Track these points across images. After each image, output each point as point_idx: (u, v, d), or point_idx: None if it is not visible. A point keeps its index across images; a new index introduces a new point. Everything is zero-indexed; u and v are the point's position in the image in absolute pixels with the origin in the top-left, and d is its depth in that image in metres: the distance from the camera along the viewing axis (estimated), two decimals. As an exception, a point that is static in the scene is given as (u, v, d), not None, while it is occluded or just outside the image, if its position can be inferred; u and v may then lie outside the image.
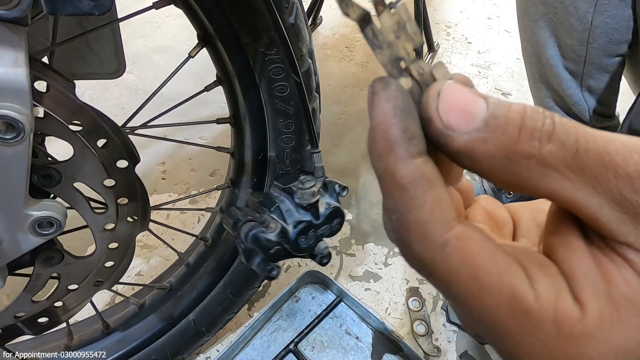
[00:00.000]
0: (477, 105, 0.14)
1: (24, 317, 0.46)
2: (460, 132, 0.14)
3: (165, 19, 1.57)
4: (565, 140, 0.14)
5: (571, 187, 0.14)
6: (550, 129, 0.14)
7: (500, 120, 0.14)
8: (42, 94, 0.35)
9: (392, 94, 0.15)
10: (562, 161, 0.14)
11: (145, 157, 1.09)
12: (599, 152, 0.14)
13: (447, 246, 0.15)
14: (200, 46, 0.49)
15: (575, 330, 0.14)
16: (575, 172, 0.14)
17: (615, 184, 0.14)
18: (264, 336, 0.76)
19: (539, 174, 0.14)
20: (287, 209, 0.48)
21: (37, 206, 0.34)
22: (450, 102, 0.15)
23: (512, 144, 0.14)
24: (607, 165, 0.14)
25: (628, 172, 0.13)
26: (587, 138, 0.14)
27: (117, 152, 0.41)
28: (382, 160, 0.15)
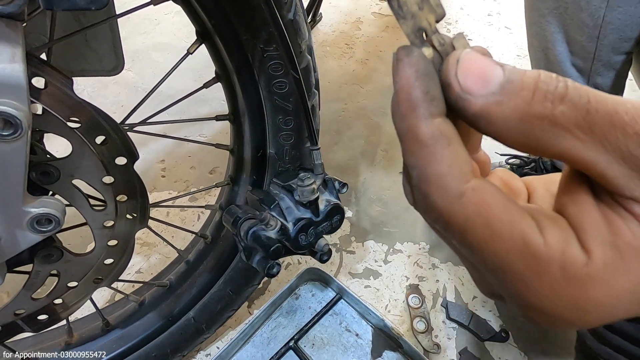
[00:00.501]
0: (494, 71, 0.15)
1: (23, 314, 0.46)
2: (477, 95, 0.15)
3: (164, 16, 1.57)
4: (577, 102, 0.15)
5: (581, 146, 0.15)
6: (562, 92, 0.15)
7: (515, 84, 0.15)
8: (40, 91, 0.34)
9: (414, 60, 0.16)
10: (573, 121, 0.15)
11: (145, 154, 1.09)
12: (609, 112, 0.14)
13: (464, 196, 0.16)
14: (198, 42, 0.48)
15: (581, 273, 0.15)
16: (585, 132, 0.15)
17: (624, 141, 0.14)
18: (264, 333, 0.76)
19: (551, 134, 0.15)
20: (286, 206, 0.47)
21: (35, 203, 0.34)
22: (468, 68, 0.16)
23: (526, 106, 0.15)
24: (615, 124, 0.14)
25: (636, 130, 0.14)
26: (598, 99, 0.15)
27: (115, 149, 0.41)
28: (404, 120, 0.16)
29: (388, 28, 1.56)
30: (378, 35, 1.54)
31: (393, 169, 1.07)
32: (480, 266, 0.17)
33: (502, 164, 0.96)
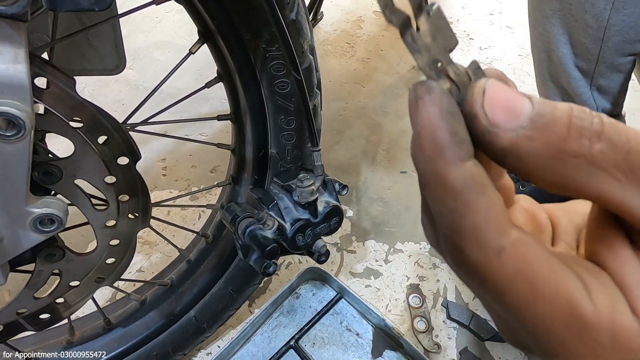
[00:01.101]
0: (523, 103, 0.14)
1: (25, 313, 0.46)
2: (506, 129, 0.14)
3: (165, 14, 1.56)
4: (616, 140, 0.14)
5: (621, 189, 0.14)
6: (599, 128, 0.14)
7: (547, 118, 0.14)
8: (42, 91, 0.35)
9: (437, 97, 0.15)
10: (612, 162, 0.14)
11: (146, 153, 1.09)
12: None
13: (503, 252, 0.14)
14: (200, 42, 0.48)
15: (633, 344, 0.14)
16: (626, 174, 0.14)
17: None
18: (264, 332, 0.76)
19: (587, 174, 0.14)
20: (285, 206, 0.48)
21: (38, 203, 0.34)
22: (495, 99, 0.14)
23: (560, 142, 0.14)
24: None
25: None
26: (637, 138, 0.14)
27: (117, 149, 0.41)
28: (431, 165, 0.15)
29: (389, 27, 1.56)
30: (379, 34, 1.53)
31: (394, 169, 1.07)
32: (517, 327, 0.15)
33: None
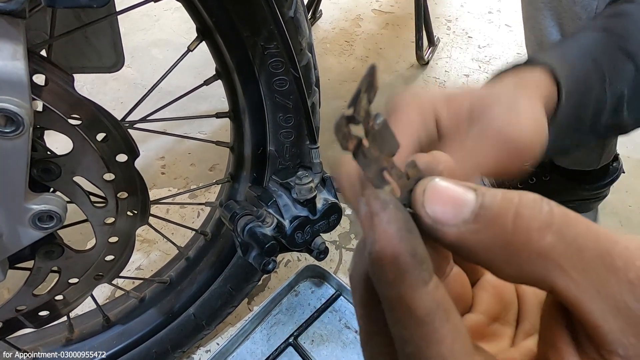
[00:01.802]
0: (465, 196, 0.14)
1: (25, 310, 0.46)
2: (450, 225, 0.14)
3: (164, 12, 1.56)
4: (566, 233, 0.13)
5: (575, 287, 0.13)
6: (548, 219, 0.13)
7: (492, 210, 0.14)
8: (41, 88, 0.35)
9: (393, 214, 0.14)
10: (564, 257, 0.13)
11: (145, 151, 1.09)
12: (601, 253, 0.13)
13: None
14: (199, 40, 0.48)
15: None
16: (578, 272, 0.13)
17: (618, 290, 0.13)
18: (263, 330, 0.76)
19: (540, 267, 0.13)
20: (284, 203, 0.48)
21: (37, 200, 0.34)
22: (435, 197, 0.15)
23: (508, 235, 0.13)
24: (609, 268, 0.13)
25: (630, 279, 0.12)
26: (589, 234, 0.13)
27: (116, 146, 0.41)
28: (393, 289, 0.14)
29: (388, 25, 1.56)
30: (378, 32, 1.53)
31: (393, 167, 1.07)
32: None
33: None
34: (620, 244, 0.13)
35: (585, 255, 0.13)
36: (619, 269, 0.13)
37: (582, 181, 0.91)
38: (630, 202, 1.02)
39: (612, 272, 0.13)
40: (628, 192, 1.04)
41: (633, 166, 1.09)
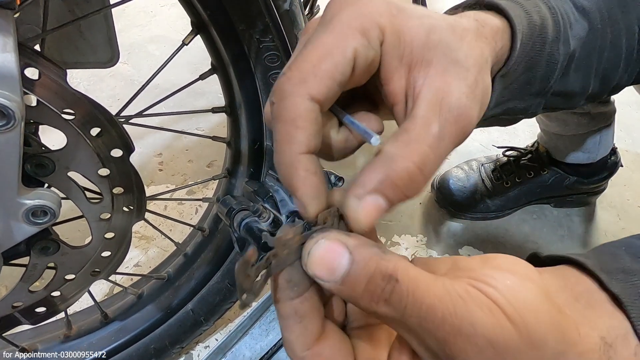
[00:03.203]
0: (340, 261, 0.19)
1: (21, 307, 0.46)
2: (326, 282, 0.20)
3: (160, 8, 1.55)
4: (397, 305, 0.19)
5: (403, 334, 0.20)
6: (387, 296, 0.19)
7: (353, 278, 0.19)
8: (34, 82, 0.34)
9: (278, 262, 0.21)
10: (393, 320, 0.19)
11: (142, 148, 1.08)
12: (421, 316, 0.19)
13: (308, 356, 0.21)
14: (194, 33, 0.48)
15: None
16: (404, 329, 0.19)
17: (430, 342, 0.19)
18: (262, 325, 0.76)
19: (380, 316, 0.20)
20: (281, 198, 0.47)
21: (30, 195, 0.34)
22: (314, 262, 0.20)
23: (359, 299, 0.19)
24: (426, 329, 0.19)
25: (438, 337, 0.19)
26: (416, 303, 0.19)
27: (111, 141, 0.40)
28: (274, 299, 0.22)
29: (386, 20, 1.55)
30: (376, 27, 1.53)
31: (391, 162, 1.07)
32: None
33: (499, 157, 0.96)
34: (437, 312, 0.18)
35: (409, 320, 0.19)
36: (431, 331, 0.19)
37: (580, 175, 0.91)
38: (628, 196, 1.02)
39: (427, 332, 0.19)
40: (626, 185, 1.04)
41: (631, 160, 1.09)
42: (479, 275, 0.20)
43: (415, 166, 0.21)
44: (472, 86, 0.23)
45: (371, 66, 0.23)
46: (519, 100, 0.34)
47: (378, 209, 0.21)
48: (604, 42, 0.36)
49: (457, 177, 0.94)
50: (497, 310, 0.18)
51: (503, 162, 0.94)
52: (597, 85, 0.38)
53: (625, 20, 0.37)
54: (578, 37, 0.35)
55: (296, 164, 0.21)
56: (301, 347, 0.21)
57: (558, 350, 0.19)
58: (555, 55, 0.33)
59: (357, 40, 0.21)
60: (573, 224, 0.96)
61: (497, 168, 0.93)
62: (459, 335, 0.18)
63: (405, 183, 0.21)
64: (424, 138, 0.21)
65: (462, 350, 0.18)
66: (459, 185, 0.93)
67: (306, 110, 0.21)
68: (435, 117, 0.22)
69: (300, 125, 0.21)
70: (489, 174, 0.94)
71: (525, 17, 0.31)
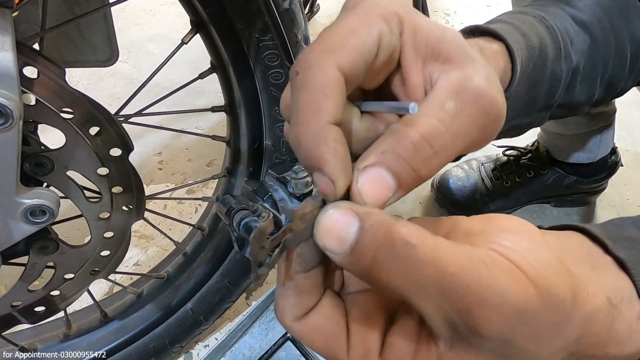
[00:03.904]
0: (349, 230, 0.18)
1: (20, 306, 0.46)
2: (336, 254, 0.19)
3: (159, 7, 1.55)
4: (412, 276, 0.18)
5: (419, 306, 0.19)
6: (399, 265, 0.18)
7: (361, 248, 0.18)
8: (32, 81, 0.34)
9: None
10: (411, 291, 0.18)
11: (142, 147, 1.08)
12: (444, 287, 0.17)
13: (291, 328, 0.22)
14: (193, 32, 0.48)
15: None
16: (422, 299, 0.18)
17: (450, 313, 0.18)
18: (262, 324, 0.76)
19: (395, 294, 0.19)
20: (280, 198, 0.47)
21: (28, 194, 0.34)
22: (324, 232, 0.19)
23: (369, 269, 0.18)
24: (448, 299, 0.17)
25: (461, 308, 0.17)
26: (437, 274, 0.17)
27: (110, 140, 0.40)
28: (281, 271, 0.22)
29: (386, 19, 1.55)
30: (376, 26, 1.52)
31: (391, 161, 1.07)
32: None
33: (499, 156, 0.96)
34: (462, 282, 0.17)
35: (429, 291, 0.18)
36: (454, 301, 0.17)
37: (580, 174, 0.91)
38: (628, 195, 1.02)
39: (449, 303, 0.18)
40: (626, 185, 1.04)
41: (631, 159, 1.09)
42: (495, 239, 0.19)
43: (420, 136, 0.19)
44: (490, 78, 0.22)
45: (392, 58, 0.22)
46: (524, 116, 0.35)
47: (383, 184, 0.19)
48: (608, 52, 0.37)
49: (457, 176, 0.94)
50: (521, 275, 0.17)
51: (503, 162, 0.93)
52: (602, 92, 0.39)
53: (629, 29, 0.37)
54: (580, 51, 0.35)
55: (325, 134, 0.19)
56: (291, 317, 0.21)
57: (570, 310, 0.18)
58: (557, 72, 0.33)
59: (381, 24, 0.21)
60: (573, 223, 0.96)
61: (497, 167, 0.93)
62: (486, 305, 0.17)
63: (410, 154, 0.19)
64: (434, 112, 0.20)
65: (487, 321, 0.17)
66: (459, 185, 0.93)
67: (335, 78, 0.19)
68: (451, 97, 0.21)
69: (329, 94, 0.19)
70: (489, 173, 0.93)
71: (523, 40, 0.32)
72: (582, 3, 0.37)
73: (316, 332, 0.21)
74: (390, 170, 0.19)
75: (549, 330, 0.18)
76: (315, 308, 0.22)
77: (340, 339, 0.21)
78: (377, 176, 0.19)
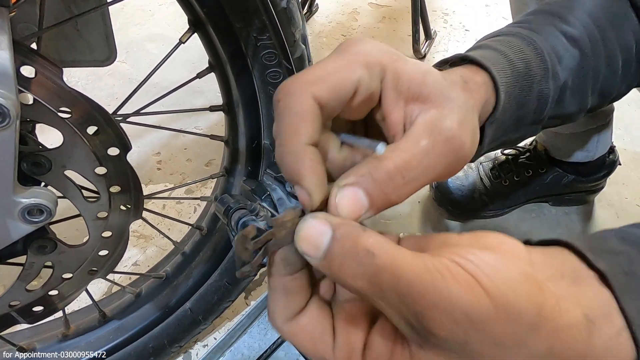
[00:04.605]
0: (323, 238, 0.21)
1: (18, 306, 0.46)
2: (312, 258, 0.21)
3: (158, 7, 1.55)
4: (372, 280, 0.20)
5: (381, 308, 0.21)
6: (361, 271, 0.20)
7: (333, 253, 0.20)
8: (30, 80, 0.34)
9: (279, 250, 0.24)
10: (373, 293, 0.20)
11: (140, 147, 1.08)
12: (400, 292, 0.19)
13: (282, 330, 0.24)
14: (191, 31, 0.48)
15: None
16: (382, 302, 0.20)
17: (408, 315, 0.20)
18: (261, 324, 0.76)
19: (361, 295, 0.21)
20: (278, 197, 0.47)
21: (26, 193, 0.34)
22: (302, 239, 0.21)
23: (340, 275, 0.20)
24: (405, 302, 0.19)
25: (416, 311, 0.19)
26: (394, 279, 0.19)
27: (108, 140, 0.40)
28: (268, 275, 0.24)
29: (385, 19, 1.55)
30: (375, 26, 1.52)
31: (390, 161, 1.07)
32: None
33: (498, 155, 0.96)
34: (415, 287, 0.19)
35: (387, 295, 0.20)
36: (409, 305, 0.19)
37: (579, 173, 0.91)
38: (627, 194, 1.02)
39: (405, 306, 0.19)
40: (624, 184, 1.04)
41: (629, 158, 1.09)
42: (463, 252, 0.20)
43: (395, 168, 0.23)
44: (462, 120, 0.26)
45: (371, 98, 0.25)
46: (514, 132, 0.36)
47: (358, 201, 0.22)
48: (598, 64, 0.37)
49: (456, 175, 0.94)
50: (475, 284, 0.19)
51: (501, 161, 0.94)
52: (595, 100, 0.39)
53: (620, 38, 0.38)
54: (569, 68, 0.36)
55: (303, 153, 0.22)
56: (282, 319, 0.23)
57: (533, 323, 0.19)
58: (545, 91, 0.34)
59: (362, 71, 0.24)
60: (572, 222, 0.96)
61: (495, 167, 0.93)
62: (436, 308, 0.19)
63: (383, 181, 0.22)
64: (409, 148, 0.24)
65: (439, 323, 0.19)
66: (458, 184, 0.93)
67: (312, 106, 0.23)
68: (426, 135, 0.24)
69: (306, 119, 0.22)
70: (488, 173, 0.94)
71: (509, 67, 0.33)
72: (573, 17, 0.37)
73: (304, 332, 0.23)
74: (365, 191, 0.22)
75: (509, 338, 0.19)
76: (304, 311, 0.24)
77: (326, 338, 0.23)
78: (354, 194, 0.22)
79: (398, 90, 0.25)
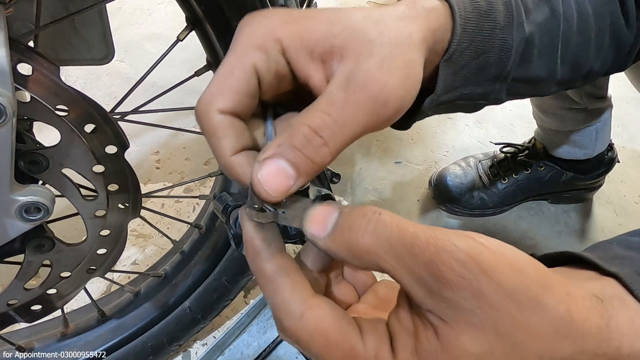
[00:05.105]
0: (331, 215, 0.21)
1: (16, 304, 0.45)
2: (319, 238, 0.21)
3: (156, 6, 1.54)
4: (381, 234, 0.20)
5: (391, 268, 0.20)
6: (368, 225, 0.20)
7: (340, 224, 0.21)
8: (27, 78, 0.34)
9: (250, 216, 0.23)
10: (381, 250, 0.20)
11: (139, 146, 1.08)
12: (407, 243, 0.19)
13: (304, 316, 0.21)
14: (188, 29, 0.48)
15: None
16: (392, 258, 0.19)
17: (418, 269, 0.19)
18: (260, 322, 0.76)
19: (370, 258, 0.20)
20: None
21: (23, 191, 0.34)
22: (311, 220, 0.22)
23: (346, 239, 0.20)
24: (412, 253, 0.19)
25: (425, 260, 0.19)
26: (399, 232, 0.19)
27: (105, 138, 0.40)
28: (253, 263, 0.23)
29: (383, 17, 1.55)
30: (373, 24, 1.52)
31: (388, 159, 1.07)
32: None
33: (497, 153, 0.96)
34: (422, 235, 0.19)
35: (396, 247, 0.19)
36: (418, 255, 0.19)
37: (577, 171, 0.91)
38: (625, 192, 1.02)
39: (415, 257, 0.19)
40: (623, 181, 1.04)
41: (628, 156, 1.10)
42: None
43: (309, 129, 0.22)
44: (385, 59, 0.24)
45: (280, 74, 0.25)
46: (474, 85, 0.33)
47: (283, 172, 0.21)
48: (569, 28, 0.35)
49: (455, 173, 0.94)
50: (475, 240, 0.19)
51: (500, 159, 0.94)
52: (566, 71, 0.37)
53: (594, 5, 0.36)
54: (536, 23, 0.33)
55: (231, 165, 0.24)
56: (297, 301, 0.21)
57: (543, 282, 0.19)
58: (508, 40, 0.32)
59: (255, 56, 0.24)
60: (570, 220, 0.96)
61: (494, 164, 0.93)
62: (443, 252, 0.18)
63: (302, 144, 0.22)
64: (323, 107, 0.23)
65: (448, 268, 0.18)
66: (457, 182, 0.93)
67: (220, 122, 0.24)
68: (341, 88, 0.23)
69: (220, 135, 0.24)
70: (486, 171, 0.94)
71: (469, 1, 0.30)
72: None
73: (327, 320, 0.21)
74: (287, 160, 0.22)
75: (523, 293, 0.18)
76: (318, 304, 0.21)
77: (353, 327, 0.21)
78: (276, 166, 0.21)
79: (309, 51, 0.24)
